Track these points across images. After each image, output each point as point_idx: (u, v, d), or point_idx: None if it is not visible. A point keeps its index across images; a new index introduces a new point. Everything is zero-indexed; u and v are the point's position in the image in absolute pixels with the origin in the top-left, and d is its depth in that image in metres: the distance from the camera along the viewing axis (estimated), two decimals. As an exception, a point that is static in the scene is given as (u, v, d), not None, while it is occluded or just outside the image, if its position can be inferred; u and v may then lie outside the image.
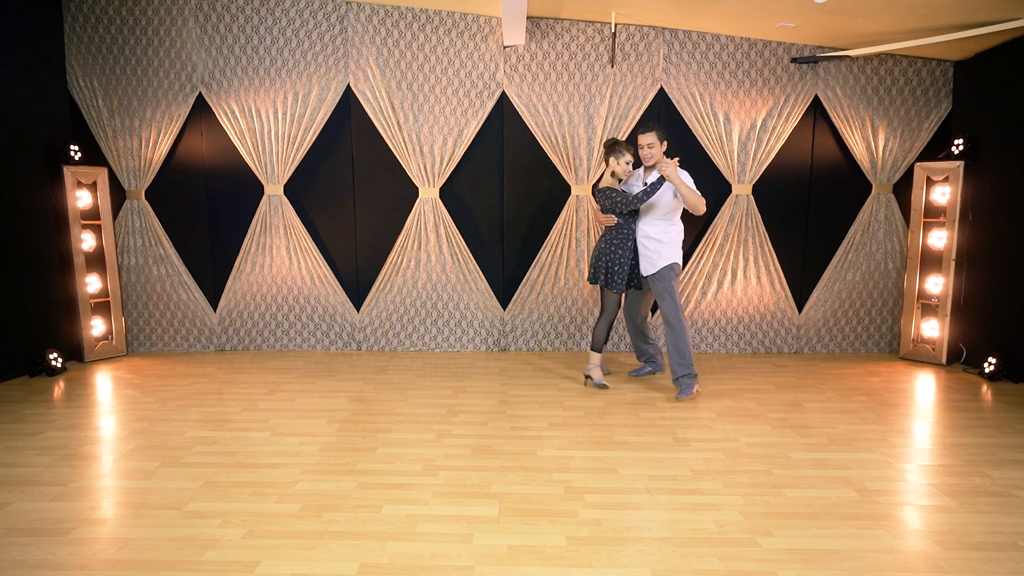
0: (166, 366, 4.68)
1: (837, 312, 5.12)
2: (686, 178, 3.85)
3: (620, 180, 3.98)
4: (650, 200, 3.85)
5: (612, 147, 3.92)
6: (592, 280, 4.07)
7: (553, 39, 4.80)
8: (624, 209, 3.90)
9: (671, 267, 3.95)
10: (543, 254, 5.03)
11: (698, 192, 3.83)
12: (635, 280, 4.06)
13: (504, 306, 5.17)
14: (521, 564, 2.11)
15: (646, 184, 3.88)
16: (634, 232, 4.01)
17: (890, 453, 3.06)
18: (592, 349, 4.09)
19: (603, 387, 4.09)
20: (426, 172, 4.94)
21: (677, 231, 4.01)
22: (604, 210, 3.98)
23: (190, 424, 3.44)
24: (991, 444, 3.17)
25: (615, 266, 3.94)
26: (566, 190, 4.98)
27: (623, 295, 4.14)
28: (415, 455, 3.02)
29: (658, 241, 3.94)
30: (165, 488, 2.66)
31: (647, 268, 4.00)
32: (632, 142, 4.91)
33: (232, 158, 4.96)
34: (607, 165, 3.97)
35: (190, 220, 5.04)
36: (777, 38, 4.73)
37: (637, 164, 4.13)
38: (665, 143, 3.90)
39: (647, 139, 3.87)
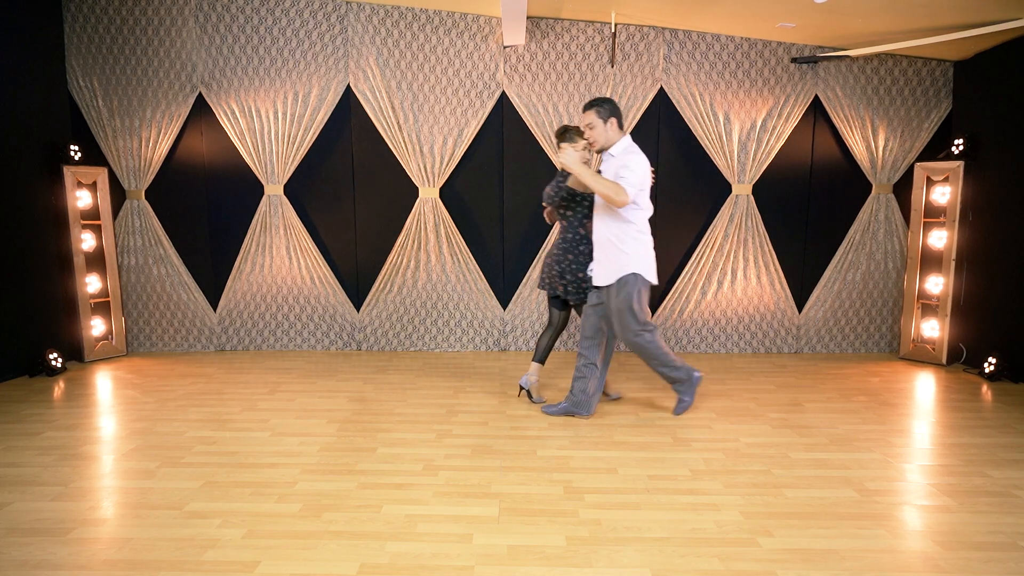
0: (166, 366, 4.68)
1: (837, 312, 5.12)
2: (627, 164, 3.15)
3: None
4: (591, 193, 3.36)
5: (563, 134, 3.46)
6: (541, 285, 3.68)
7: (553, 39, 4.80)
8: (547, 203, 3.51)
9: (627, 280, 3.25)
10: (543, 254, 5.03)
11: (612, 181, 3.10)
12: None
13: (504, 306, 5.17)
14: (521, 564, 2.11)
15: (599, 171, 3.29)
16: (582, 234, 3.50)
17: (890, 453, 3.06)
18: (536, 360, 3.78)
19: (541, 402, 3.77)
20: (426, 172, 4.94)
21: (637, 232, 3.27)
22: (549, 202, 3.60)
23: (190, 424, 3.44)
24: (991, 444, 3.17)
25: (567, 275, 3.53)
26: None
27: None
28: (415, 455, 3.02)
29: (615, 246, 3.27)
30: (165, 488, 2.66)
31: (598, 279, 3.38)
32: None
33: (232, 158, 4.96)
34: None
35: (190, 220, 5.04)
36: (777, 38, 4.73)
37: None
38: (612, 120, 3.21)
39: (585, 119, 3.25)
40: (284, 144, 4.91)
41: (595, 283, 3.41)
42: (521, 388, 3.85)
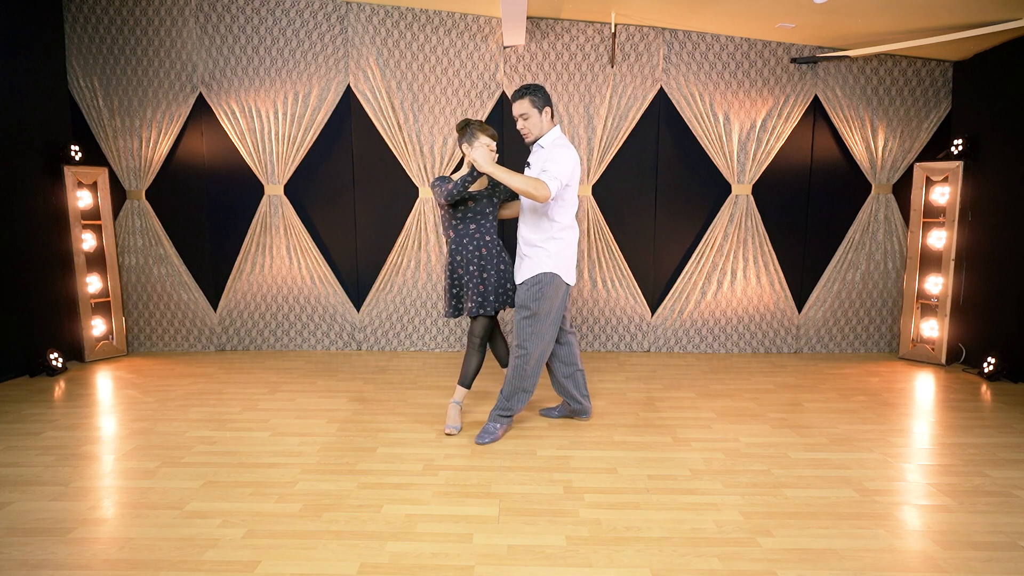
0: (166, 366, 4.68)
1: (837, 312, 5.12)
2: (553, 157, 2.94)
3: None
4: (443, 199, 3.05)
5: (463, 130, 3.10)
6: (455, 313, 3.31)
7: (553, 39, 4.80)
8: (442, 201, 3.06)
9: (541, 279, 3.05)
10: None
11: (531, 176, 2.91)
12: (501, 299, 3.25)
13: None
14: (521, 564, 2.12)
15: (528, 164, 2.99)
16: (485, 240, 3.20)
17: (890, 453, 3.06)
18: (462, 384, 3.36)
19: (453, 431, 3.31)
20: (426, 172, 4.94)
21: (560, 231, 3.07)
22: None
23: (190, 424, 3.45)
24: (991, 444, 3.17)
25: (467, 289, 3.21)
26: (566, 190, 4.97)
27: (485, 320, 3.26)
28: (415, 455, 3.02)
29: (533, 246, 3.10)
30: (165, 488, 2.67)
31: (516, 276, 3.23)
32: (632, 149, 4.94)
33: (232, 158, 4.96)
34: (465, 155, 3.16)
35: (190, 220, 5.04)
36: (777, 38, 4.74)
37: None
38: (548, 110, 3.04)
39: (518, 108, 3.03)
40: (284, 144, 4.91)
41: (516, 281, 3.21)
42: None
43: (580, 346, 5.17)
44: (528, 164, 3.14)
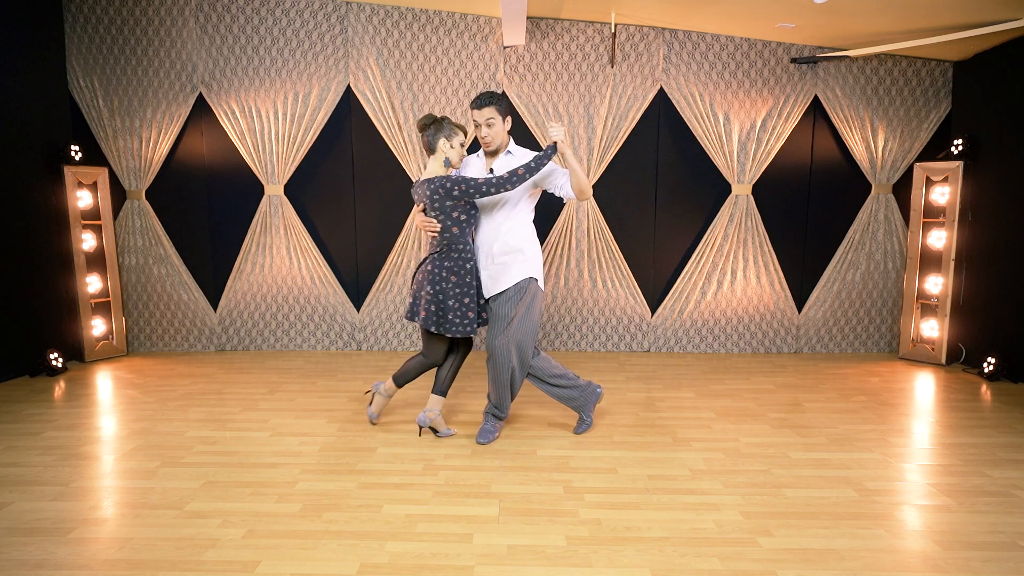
0: (166, 366, 4.68)
1: (837, 312, 5.12)
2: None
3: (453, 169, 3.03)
4: (502, 190, 2.84)
5: (431, 125, 2.96)
6: (412, 316, 3.08)
7: (553, 39, 4.80)
8: (480, 196, 2.85)
9: (524, 285, 2.97)
10: (543, 254, 5.03)
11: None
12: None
13: (504, 306, 5.16)
14: (521, 564, 2.12)
15: (491, 171, 2.91)
16: (471, 249, 3.00)
17: (890, 453, 3.06)
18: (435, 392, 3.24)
19: (449, 434, 3.27)
20: (426, 172, 4.94)
21: (532, 234, 3.10)
22: (432, 209, 2.93)
23: (190, 424, 3.45)
24: (990, 444, 3.17)
25: (449, 300, 2.95)
26: (566, 190, 4.98)
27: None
28: (415, 455, 3.02)
29: (512, 251, 2.98)
30: (165, 488, 2.67)
31: (491, 287, 3.02)
32: (632, 149, 4.94)
33: (232, 158, 4.96)
34: (430, 152, 2.99)
35: (190, 220, 5.04)
36: (777, 38, 4.74)
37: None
38: (509, 118, 3.01)
39: (486, 114, 2.91)
40: (284, 144, 4.91)
41: (488, 294, 3.05)
42: (420, 427, 3.24)
43: (580, 347, 5.18)
44: (492, 170, 3.05)
